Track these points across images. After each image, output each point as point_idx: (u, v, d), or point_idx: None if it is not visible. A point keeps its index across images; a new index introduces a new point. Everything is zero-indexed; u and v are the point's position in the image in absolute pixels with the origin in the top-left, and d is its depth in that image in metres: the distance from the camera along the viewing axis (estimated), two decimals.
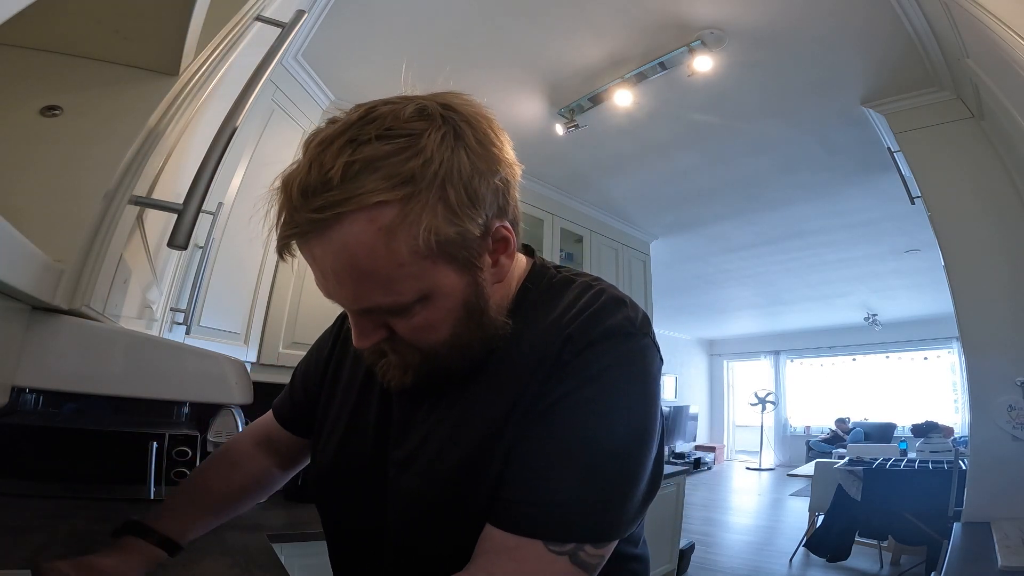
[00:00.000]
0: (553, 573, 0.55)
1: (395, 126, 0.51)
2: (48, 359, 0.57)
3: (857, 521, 3.72)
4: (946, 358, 9.00)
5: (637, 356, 0.61)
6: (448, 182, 0.51)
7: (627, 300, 0.65)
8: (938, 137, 2.28)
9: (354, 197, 0.49)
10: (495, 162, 0.56)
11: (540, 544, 0.55)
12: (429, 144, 0.51)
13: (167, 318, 1.51)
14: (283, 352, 2.32)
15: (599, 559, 0.58)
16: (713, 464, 10.24)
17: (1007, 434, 1.88)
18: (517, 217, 0.62)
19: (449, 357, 0.62)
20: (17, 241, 0.43)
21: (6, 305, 0.50)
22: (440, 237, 0.52)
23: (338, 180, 0.49)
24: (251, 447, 0.95)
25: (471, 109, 0.57)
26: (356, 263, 0.52)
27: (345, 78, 2.46)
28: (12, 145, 0.58)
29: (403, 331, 0.59)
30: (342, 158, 0.49)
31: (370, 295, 0.55)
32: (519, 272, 0.70)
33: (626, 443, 0.59)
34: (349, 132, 0.51)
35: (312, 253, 0.53)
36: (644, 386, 0.61)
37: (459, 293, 0.58)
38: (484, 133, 0.56)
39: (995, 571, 1.43)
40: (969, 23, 1.53)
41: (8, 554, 1.21)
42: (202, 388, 0.68)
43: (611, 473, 0.58)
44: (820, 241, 4.84)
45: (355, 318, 0.59)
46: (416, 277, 0.54)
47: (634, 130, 2.90)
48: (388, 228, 0.50)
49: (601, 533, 0.57)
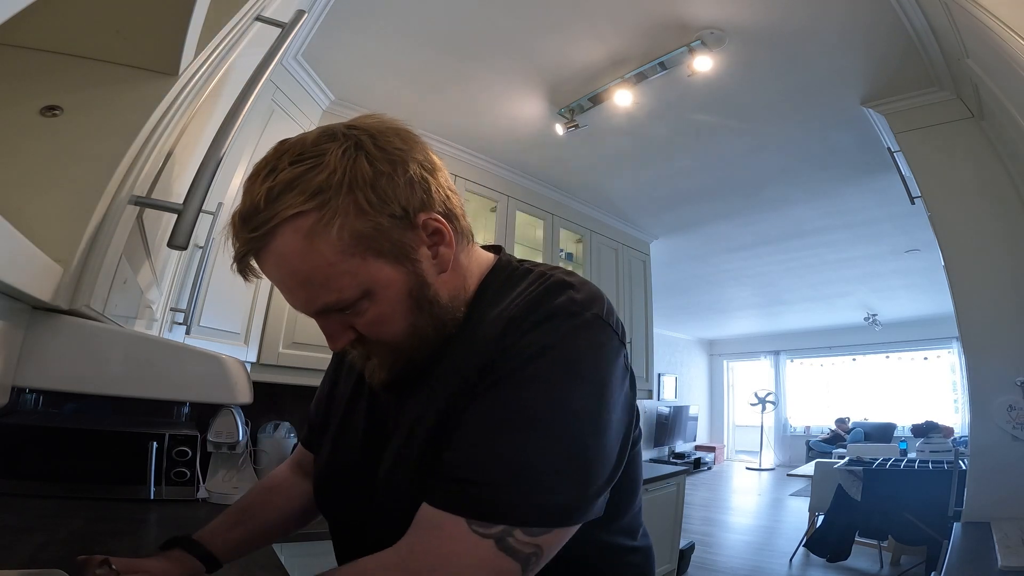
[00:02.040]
0: (475, 557, 0.53)
1: (304, 151, 0.59)
2: (48, 359, 0.57)
3: (857, 521, 3.72)
4: (946, 358, 9.00)
5: (582, 334, 0.60)
6: (354, 186, 0.58)
7: (575, 283, 0.65)
8: (938, 137, 2.28)
9: (276, 214, 0.57)
10: (398, 162, 0.61)
11: (463, 523, 0.54)
12: (331, 159, 0.58)
13: (167, 318, 1.51)
14: (283, 352, 2.32)
15: (534, 548, 0.54)
16: (713, 464, 10.24)
17: (1007, 434, 1.89)
18: (451, 210, 0.66)
19: (411, 347, 0.67)
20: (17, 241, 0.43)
21: (6, 305, 0.50)
22: (355, 233, 0.59)
23: (264, 203, 0.57)
24: (288, 473, 0.99)
25: (375, 122, 0.65)
26: (294, 268, 0.59)
27: (345, 78, 2.46)
28: (12, 145, 0.58)
29: (363, 328, 0.65)
30: (265, 185, 0.58)
31: (317, 296, 0.61)
32: (482, 267, 0.74)
33: (567, 423, 0.57)
34: (270, 163, 0.60)
35: (263, 269, 0.61)
36: (589, 366, 0.60)
37: (399, 285, 0.63)
38: (387, 140, 0.62)
39: (995, 571, 1.43)
40: (969, 23, 1.53)
41: (9, 553, 1.21)
42: (202, 388, 0.68)
43: (548, 453, 0.56)
44: (820, 241, 4.85)
45: (320, 323, 0.65)
46: (351, 274, 0.60)
47: (634, 130, 2.90)
48: (309, 233, 0.57)
49: (531, 517, 0.54)
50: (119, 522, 1.59)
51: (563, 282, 0.65)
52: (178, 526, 1.65)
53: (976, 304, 2.04)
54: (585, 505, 0.57)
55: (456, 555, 0.53)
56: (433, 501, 0.56)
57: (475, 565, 0.53)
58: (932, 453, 3.87)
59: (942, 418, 7.75)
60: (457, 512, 0.54)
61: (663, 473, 3.58)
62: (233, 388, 0.69)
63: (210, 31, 0.76)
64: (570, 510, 0.56)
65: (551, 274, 0.68)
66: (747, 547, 4.88)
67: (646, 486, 3.32)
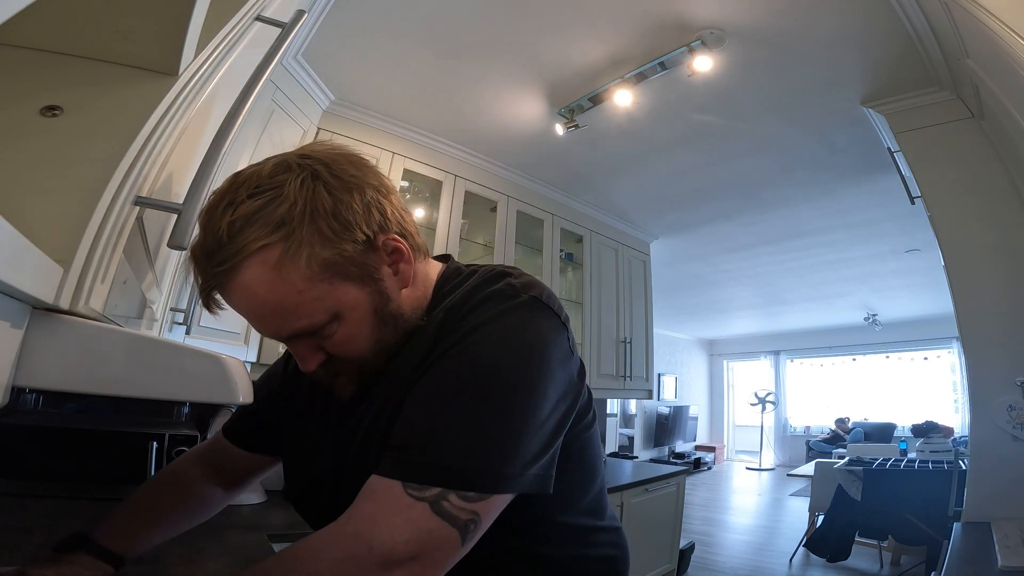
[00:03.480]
0: (407, 517, 0.54)
1: (261, 183, 0.60)
2: (48, 359, 0.57)
3: (857, 521, 3.72)
4: (946, 358, 9.00)
5: (516, 312, 0.63)
6: (316, 215, 0.60)
7: (514, 273, 0.69)
8: (938, 137, 2.28)
9: (242, 248, 0.58)
10: (355, 189, 0.63)
11: (399, 485, 0.55)
12: (290, 191, 0.60)
13: (167, 318, 1.51)
14: (283, 352, 2.31)
15: (471, 515, 0.55)
16: (713, 464, 10.24)
17: (1007, 434, 1.89)
18: (406, 228, 0.69)
19: (377, 361, 0.69)
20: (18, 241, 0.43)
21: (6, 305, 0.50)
22: (322, 261, 0.61)
23: (227, 238, 0.58)
24: (195, 470, 0.96)
25: (327, 150, 0.66)
26: (262, 299, 0.60)
27: (345, 78, 2.46)
28: (12, 145, 0.58)
29: (333, 348, 0.66)
30: (225, 219, 0.58)
31: (287, 323, 0.62)
32: (433, 276, 0.76)
33: (498, 391, 0.58)
34: (227, 197, 0.60)
35: (230, 301, 0.62)
36: (523, 339, 0.62)
37: (366, 304, 0.65)
38: (341, 168, 0.64)
39: (995, 571, 1.43)
40: (969, 23, 1.53)
41: (9, 553, 1.21)
42: (202, 388, 0.68)
43: (479, 418, 0.57)
44: (820, 241, 4.85)
45: (291, 347, 0.67)
46: (319, 299, 0.62)
47: (634, 130, 2.90)
48: (276, 264, 0.59)
49: (464, 480, 0.55)
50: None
51: (502, 271, 0.69)
52: None
53: (976, 304, 2.04)
54: (519, 473, 0.58)
55: (388, 515, 0.54)
56: (377, 471, 0.58)
57: (406, 525, 0.53)
58: (932, 453, 3.87)
59: (942, 418, 7.75)
60: (393, 476, 0.56)
61: (663, 473, 3.58)
62: (233, 388, 0.68)
63: (210, 31, 0.76)
64: (503, 476, 0.57)
65: (492, 267, 0.72)
66: (747, 547, 4.88)
67: (646, 486, 3.32)
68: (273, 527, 1.81)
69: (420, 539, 0.53)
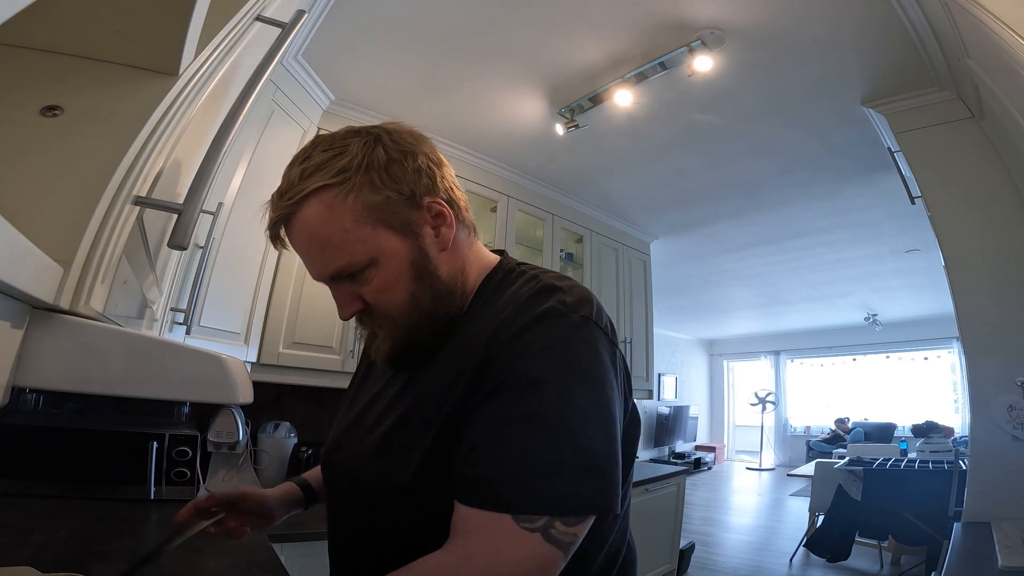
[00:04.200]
0: (527, 550, 0.58)
1: (333, 142, 0.71)
2: (49, 359, 0.57)
3: (857, 521, 3.72)
4: (946, 358, 9.00)
5: (574, 334, 0.66)
6: (371, 168, 0.69)
7: (563, 287, 0.71)
8: (938, 137, 2.28)
9: (307, 187, 0.68)
10: (408, 152, 0.72)
11: (509, 519, 0.58)
12: (354, 147, 0.70)
13: (167, 318, 1.51)
14: (283, 352, 2.32)
15: (572, 538, 0.60)
16: (713, 464, 10.24)
17: (1007, 434, 1.88)
18: (455, 199, 0.76)
19: (412, 320, 0.73)
20: (18, 241, 0.43)
21: (7, 305, 0.50)
22: (369, 203, 0.69)
23: (297, 180, 0.69)
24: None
25: (393, 125, 0.76)
26: (315, 232, 0.69)
27: (345, 78, 2.46)
28: (13, 145, 0.58)
29: (369, 296, 0.72)
30: (299, 167, 0.70)
31: (331, 261, 0.70)
32: (484, 265, 0.81)
33: (579, 421, 0.62)
34: (305, 153, 0.72)
35: (290, 236, 0.71)
36: (586, 365, 0.65)
37: (404, 255, 0.71)
38: (400, 136, 0.74)
39: (995, 571, 1.43)
40: (969, 23, 1.53)
41: (9, 553, 1.21)
42: (202, 388, 0.68)
43: (566, 448, 0.60)
44: (820, 241, 4.84)
45: (332, 291, 0.74)
46: (361, 240, 0.69)
47: (634, 130, 2.90)
48: (331, 203, 0.68)
49: (568, 508, 0.59)
50: (119, 522, 1.59)
51: (552, 286, 0.71)
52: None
53: (976, 304, 2.04)
54: (608, 495, 0.62)
55: (510, 550, 0.58)
56: (472, 502, 0.60)
57: (527, 557, 0.58)
58: (932, 453, 3.86)
59: (942, 418, 7.75)
60: (503, 511, 0.59)
61: (663, 473, 3.58)
62: (233, 388, 0.69)
63: (210, 31, 0.76)
64: (596, 501, 0.61)
65: (542, 277, 0.74)
66: (747, 547, 4.88)
67: (646, 486, 3.32)
68: (273, 527, 1.81)
69: (537, 566, 0.58)
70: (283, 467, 2.30)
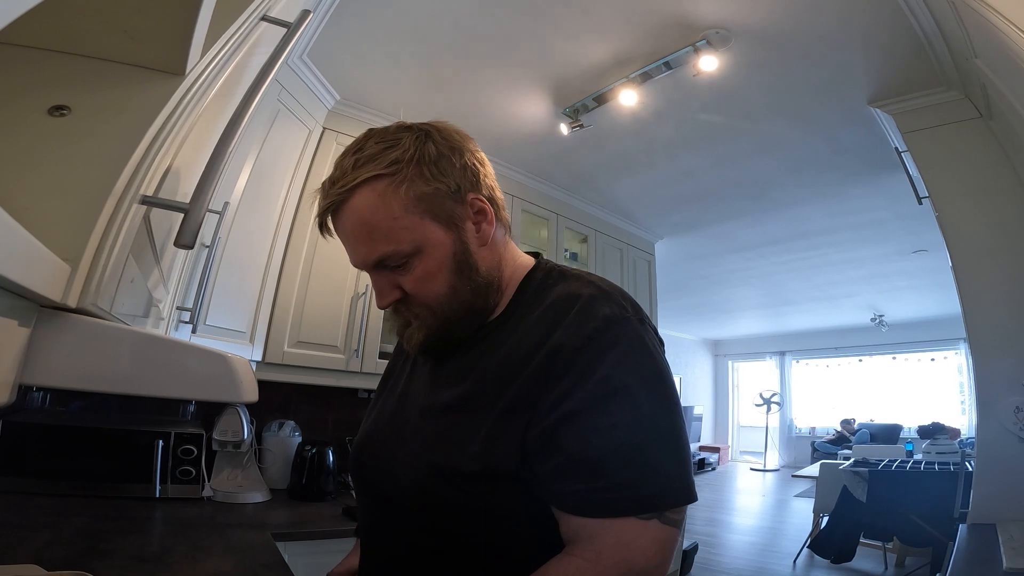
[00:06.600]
0: (650, 536, 0.64)
1: (385, 136, 0.75)
2: (56, 357, 0.57)
3: (862, 522, 3.71)
4: (953, 359, 8.95)
5: (639, 336, 0.70)
6: (421, 161, 0.73)
7: (612, 290, 0.75)
8: (946, 137, 2.26)
9: (360, 176, 0.71)
10: (456, 149, 0.76)
11: (632, 518, 0.64)
12: (406, 141, 0.74)
13: (173, 317, 1.52)
14: (288, 351, 2.32)
15: (682, 515, 0.67)
16: (717, 464, 10.21)
17: (1014, 436, 1.87)
18: (495, 198, 0.80)
19: (449, 310, 0.76)
20: (26, 240, 0.43)
21: (14, 303, 0.51)
22: (419, 194, 0.72)
23: (350, 170, 0.72)
24: None
25: (441, 123, 0.79)
26: (364, 219, 0.72)
27: (350, 78, 2.46)
28: (20, 145, 0.59)
29: (410, 286, 0.75)
30: (352, 157, 0.73)
31: (377, 246, 0.73)
32: (520, 264, 0.85)
33: (665, 415, 0.67)
34: (358, 144, 0.75)
35: (338, 223, 0.74)
36: (659, 367, 0.70)
37: (448, 247, 0.75)
38: (449, 133, 0.77)
39: (1000, 573, 1.42)
40: (977, 23, 1.52)
41: (14, 551, 1.22)
42: (208, 386, 0.68)
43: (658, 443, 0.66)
44: (826, 241, 4.82)
45: (373, 279, 0.77)
46: (408, 229, 0.72)
47: (639, 130, 2.90)
48: (382, 192, 0.71)
49: (678, 499, 0.66)
50: (125, 520, 1.60)
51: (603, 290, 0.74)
52: (183, 524, 1.66)
53: (984, 305, 2.02)
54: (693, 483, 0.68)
55: (636, 540, 0.63)
56: (591, 512, 0.65)
57: (651, 542, 0.64)
58: (938, 454, 3.85)
59: (949, 419, 7.72)
60: (623, 515, 0.64)
61: None
62: (238, 387, 0.69)
63: (216, 31, 0.76)
64: (692, 488, 0.68)
65: (588, 279, 0.77)
66: (751, 548, 4.86)
67: None
68: (277, 525, 1.82)
69: (661, 547, 0.64)
70: (287, 466, 2.31)
